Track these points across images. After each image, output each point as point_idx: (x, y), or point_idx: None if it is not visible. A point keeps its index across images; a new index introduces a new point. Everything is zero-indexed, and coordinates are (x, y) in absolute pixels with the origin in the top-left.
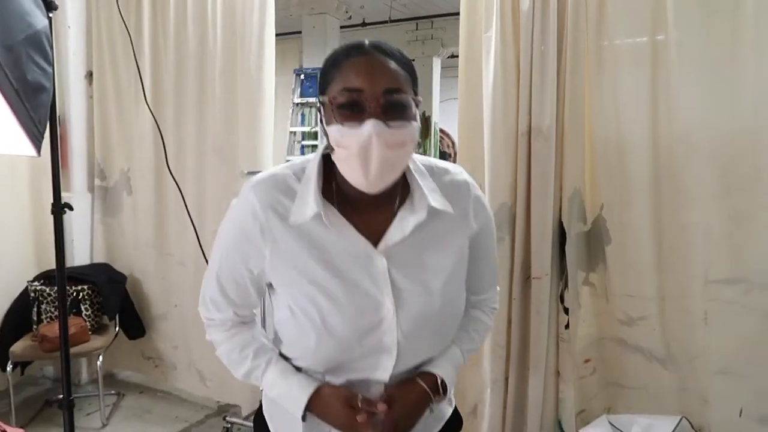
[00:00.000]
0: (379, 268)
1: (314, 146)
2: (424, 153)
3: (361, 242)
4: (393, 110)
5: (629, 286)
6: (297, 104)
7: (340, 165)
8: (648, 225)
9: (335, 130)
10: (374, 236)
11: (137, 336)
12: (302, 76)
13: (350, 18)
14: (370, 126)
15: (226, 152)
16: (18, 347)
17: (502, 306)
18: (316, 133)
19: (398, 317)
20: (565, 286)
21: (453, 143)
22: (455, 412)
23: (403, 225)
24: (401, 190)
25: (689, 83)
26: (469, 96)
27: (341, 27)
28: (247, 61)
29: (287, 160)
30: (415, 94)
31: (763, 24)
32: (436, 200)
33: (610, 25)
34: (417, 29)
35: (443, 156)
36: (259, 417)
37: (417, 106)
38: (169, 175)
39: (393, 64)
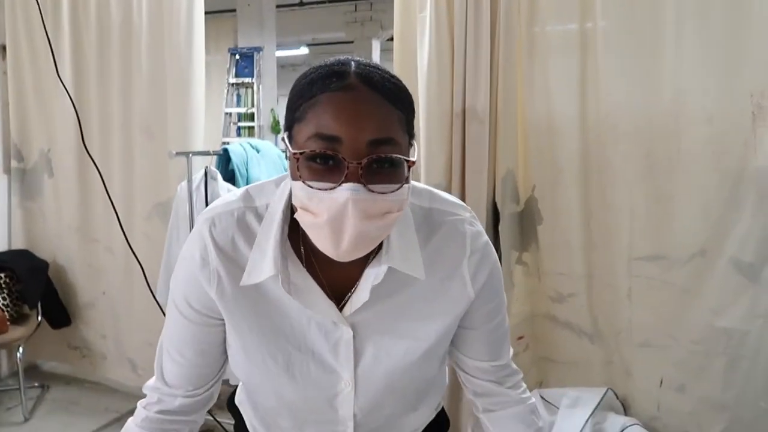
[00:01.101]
0: (342, 338)
1: (251, 128)
2: None
3: (325, 306)
4: (379, 170)
5: (560, 264)
6: (232, 84)
7: (305, 228)
8: (577, 205)
9: (300, 190)
10: (343, 294)
11: (62, 325)
12: (237, 56)
13: None
14: (347, 192)
15: (155, 132)
16: None
17: None
18: (252, 115)
19: (356, 392)
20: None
21: None
22: (442, 412)
23: (366, 285)
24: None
25: (615, 69)
26: (403, 77)
27: (277, 6)
28: (176, 36)
29: (224, 142)
30: (411, 137)
31: (683, 13)
32: (403, 258)
33: (541, 11)
34: (356, 11)
35: None
36: (232, 404)
37: (410, 162)
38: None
39: (385, 104)
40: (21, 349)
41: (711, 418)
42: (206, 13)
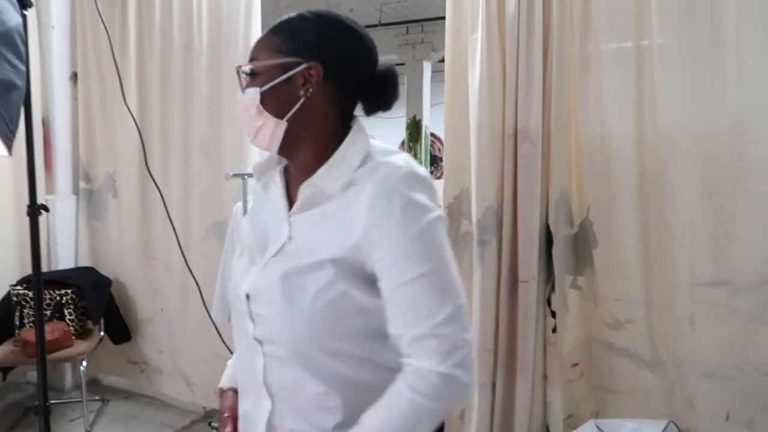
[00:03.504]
0: (284, 229)
1: None
2: (415, 157)
3: (280, 205)
4: (250, 79)
5: (617, 289)
6: None
7: None
8: (634, 227)
9: None
10: (293, 199)
11: (122, 340)
12: None
13: None
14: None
15: (212, 154)
16: None
17: (490, 310)
18: None
19: (262, 272)
20: (552, 289)
21: (443, 147)
22: None
23: (304, 194)
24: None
25: (673, 87)
26: (455, 98)
27: None
28: (233, 60)
29: None
30: (306, 60)
31: (744, 28)
32: (326, 179)
33: (595, 29)
34: (407, 33)
35: (434, 160)
36: None
37: (289, 71)
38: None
39: (268, 35)
40: (84, 363)
41: None
42: None
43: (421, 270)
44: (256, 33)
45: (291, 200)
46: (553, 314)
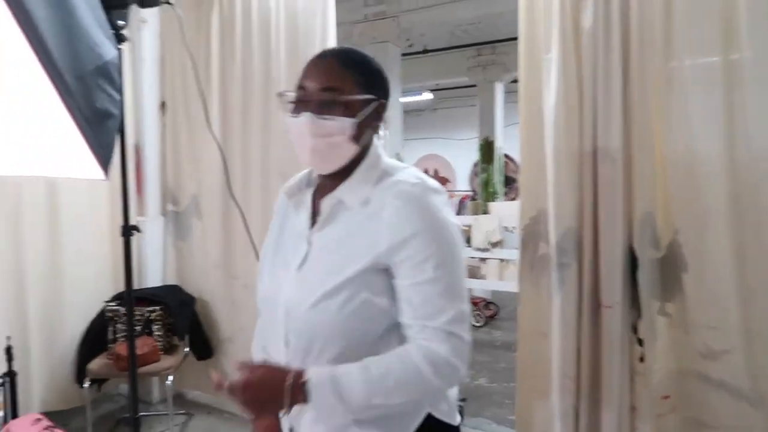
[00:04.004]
0: (302, 246)
1: None
2: (488, 178)
3: (304, 222)
4: (326, 106)
5: (710, 316)
6: None
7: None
8: (729, 250)
9: (287, 121)
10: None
11: (205, 357)
12: None
13: (411, 46)
14: (303, 118)
15: (290, 176)
16: (94, 365)
17: (571, 336)
18: None
19: (292, 292)
20: (639, 315)
21: (518, 168)
22: (430, 418)
23: (324, 208)
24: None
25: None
26: (529, 119)
27: (402, 55)
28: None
29: None
30: (378, 98)
31: None
32: (348, 193)
33: (678, 44)
34: (479, 55)
35: (508, 181)
36: None
37: (348, 100)
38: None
39: (336, 65)
40: (170, 378)
41: None
42: None
43: (437, 273)
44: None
45: (314, 215)
46: (640, 342)
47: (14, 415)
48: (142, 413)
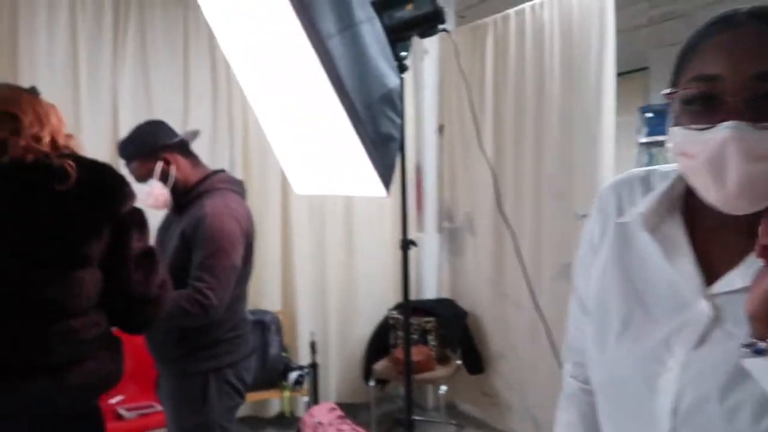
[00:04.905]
0: (694, 316)
1: None
2: None
3: (690, 270)
4: (765, 106)
5: None
6: (643, 144)
7: (686, 175)
8: None
9: (678, 135)
10: (715, 267)
11: (476, 372)
12: (649, 114)
13: None
14: (726, 130)
15: (563, 195)
16: (378, 366)
17: None
18: None
19: (683, 379)
20: None
21: None
22: None
23: (750, 270)
24: None
25: None
26: None
27: None
28: (586, 103)
29: None
30: None
31: None
32: None
33: None
34: None
35: None
36: None
37: None
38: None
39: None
40: (443, 387)
41: None
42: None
43: None
44: (608, 81)
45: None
46: None
47: (315, 401)
48: (416, 417)
